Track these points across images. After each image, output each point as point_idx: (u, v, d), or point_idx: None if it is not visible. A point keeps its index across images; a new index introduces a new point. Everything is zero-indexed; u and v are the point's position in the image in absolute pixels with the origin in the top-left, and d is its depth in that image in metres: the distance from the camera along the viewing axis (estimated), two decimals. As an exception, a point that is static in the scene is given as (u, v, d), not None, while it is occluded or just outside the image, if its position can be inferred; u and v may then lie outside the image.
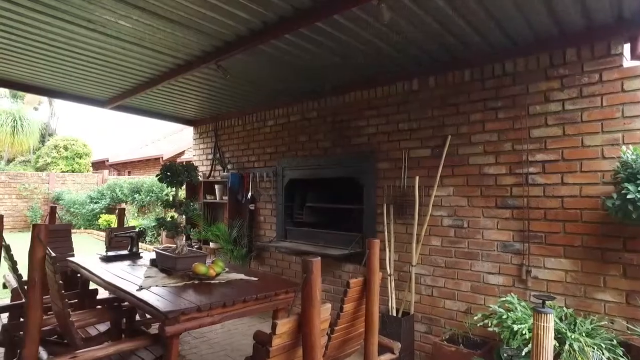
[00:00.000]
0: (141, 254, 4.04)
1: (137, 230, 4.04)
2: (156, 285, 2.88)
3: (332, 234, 4.74)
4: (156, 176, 3.51)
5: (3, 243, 3.11)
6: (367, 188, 4.36)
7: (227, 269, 3.41)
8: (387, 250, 3.96)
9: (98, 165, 19.47)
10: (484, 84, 3.54)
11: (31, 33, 3.41)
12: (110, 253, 3.86)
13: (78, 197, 13.01)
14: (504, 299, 2.91)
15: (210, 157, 6.50)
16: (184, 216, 3.47)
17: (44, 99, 22.28)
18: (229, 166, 6.12)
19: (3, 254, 3.14)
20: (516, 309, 2.68)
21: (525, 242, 3.21)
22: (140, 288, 2.79)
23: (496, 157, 3.43)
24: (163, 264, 3.40)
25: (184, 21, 3.05)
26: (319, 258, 1.65)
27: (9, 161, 18.38)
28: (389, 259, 3.96)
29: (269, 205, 5.50)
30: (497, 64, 3.46)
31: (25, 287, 2.49)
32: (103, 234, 11.41)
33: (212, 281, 3.08)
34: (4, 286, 4.12)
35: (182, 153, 15.09)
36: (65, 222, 13.24)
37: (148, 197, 9.93)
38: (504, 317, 2.65)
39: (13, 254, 3.08)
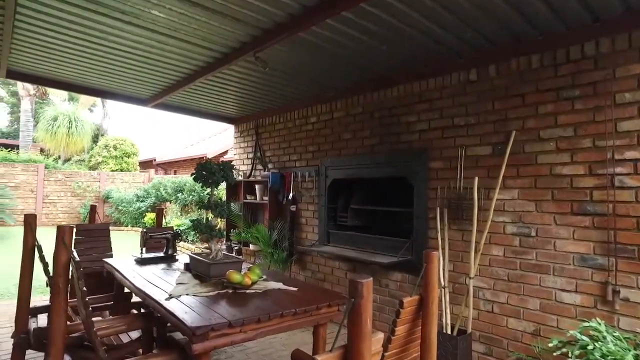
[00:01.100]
0: (177, 257, 3.86)
1: (173, 231, 3.87)
2: (187, 294, 2.65)
3: (379, 238, 4.38)
4: (191, 175, 3.30)
5: (36, 243, 3.00)
6: (417, 189, 3.97)
7: (264, 277, 3.14)
8: (441, 259, 3.56)
9: (146, 165, 20.05)
10: (557, 70, 3.06)
11: (70, 29, 3.37)
12: (145, 255, 3.70)
13: (126, 196, 13.35)
14: (587, 324, 2.44)
15: (250, 156, 6.31)
16: (219, 218, 3.23)
17: (98, 101, 23.31)
18: (269, 165, 5.90)
19: (37, 254, 3.03)
20: (604, 338, 2.22)
21: (610, 256, 2.71)
22: (170, 297, 2.56)
23: (572, 155, 2.95)
24: (196, 270, 3.19)
25: (219, 8, 2.81)
26: (371, 279, 1.32)
27: (66, 160, 19.28)
28: (443, 269, 3.55)
29: (311, 207, 5.21)
30: (573, 46, 2.97)
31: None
32: (149, 232, 11.59)
33: (248, 291, 2.81)
34: (47, 284, 4.07)
35: (225, 152, 15.18)
36: (114, 219, 13.66)
37: (190, 197, 9.95)
38: (589, 347, 2.20)
39: (44, 255, 2.95)
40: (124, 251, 8.29)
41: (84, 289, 2.24)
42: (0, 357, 3.67)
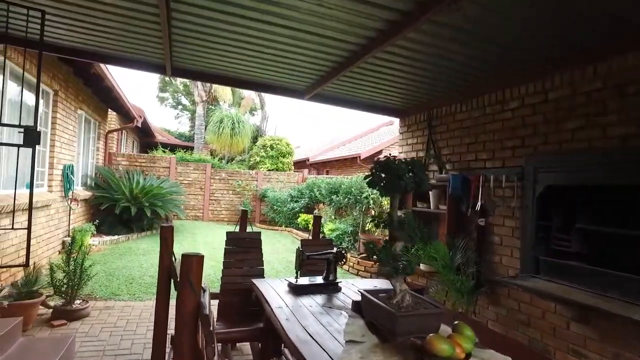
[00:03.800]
0: (340, 285, 2.97)
1: (335, 251, 2.98)
2: (365, 370, 1.66)
3: (632, 279, 2.83)
4: (365, 178, 2.34)
5: (173, 265, 2.39)
6: None
7: (476, 340, 1.99)
8: None
9: (300, 164, 20.48)
10: None
11: (220, 11, 2.90)
12: (300, 281, 2.88)
13: (280, 195, 13.42)
14: None
15: (421, 154, 5.17)
16: (407, 244, 2.19)
17: (258, 104, 24.89)
18: (447, 166, 4.68)
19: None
20: None
21: None
22: (339, 374, 1.61)
23: None
24: (372, 316, 2.20)
25: None
26: None
27: (230, 160, 20.85)
28: None
29: (509, 222, 3.85)
30: None
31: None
32: (302, 233, 11.31)
33: (460, 371, 1.71)
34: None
35: (379, 152, 14.35)
36: (269, 218, 13.94)
37: (346, 199, 9.26)
38: None
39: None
40: (275, 258, 7.99)
41: (216, 358, 1.42)
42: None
